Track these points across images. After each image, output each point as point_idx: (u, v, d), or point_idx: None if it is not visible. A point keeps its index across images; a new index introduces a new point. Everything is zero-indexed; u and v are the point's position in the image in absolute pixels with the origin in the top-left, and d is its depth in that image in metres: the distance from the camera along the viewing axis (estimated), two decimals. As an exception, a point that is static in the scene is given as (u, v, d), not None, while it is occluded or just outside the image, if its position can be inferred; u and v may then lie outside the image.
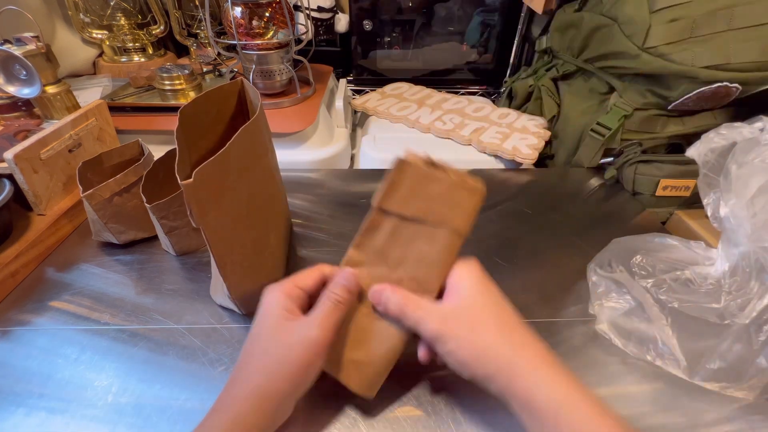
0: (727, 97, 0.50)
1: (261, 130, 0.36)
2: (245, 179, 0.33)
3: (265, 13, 0.62)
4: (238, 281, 0.34)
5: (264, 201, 0.37)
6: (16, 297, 0.40)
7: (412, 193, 0.29)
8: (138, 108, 0.66)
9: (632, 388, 0.33)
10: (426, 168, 0.29)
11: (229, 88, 0.39)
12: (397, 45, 0.93)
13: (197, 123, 0.36)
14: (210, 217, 0.29)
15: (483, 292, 0.28)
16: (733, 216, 0.31)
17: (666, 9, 0.49)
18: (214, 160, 0.28)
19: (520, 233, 0.49)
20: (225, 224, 0.31)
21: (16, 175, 0.42)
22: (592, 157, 0.61)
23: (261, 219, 0.37)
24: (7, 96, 0.53)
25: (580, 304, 0.40)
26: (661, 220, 0.56)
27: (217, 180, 0.29)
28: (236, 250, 0.33)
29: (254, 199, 0.35)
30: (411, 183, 0.29)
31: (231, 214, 0.31)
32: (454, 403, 0.31)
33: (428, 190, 0.29)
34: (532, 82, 0.78)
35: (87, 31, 0.80)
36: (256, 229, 0.35)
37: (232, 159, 0.30)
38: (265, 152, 0.38)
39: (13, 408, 0.30)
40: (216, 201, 0.29)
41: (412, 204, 0.29)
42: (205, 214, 0.29)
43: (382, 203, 0.29)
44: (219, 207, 0.30)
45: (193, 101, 0.35)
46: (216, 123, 0.39)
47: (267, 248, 0.38)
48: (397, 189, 0.29)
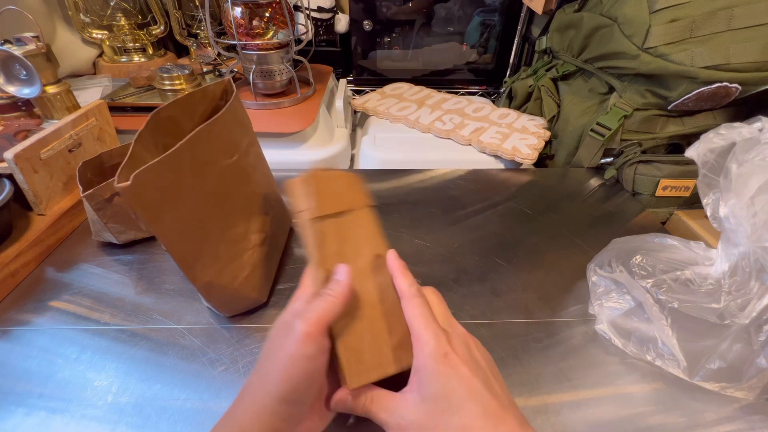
0: (727, 97, 0.50)
1: (228, 130, 0.35)
2: (211, 180, 0.32)
3: (265, 13, 0.62)
4: (211, 284, 0.33)
5: (241, 201, 0.36)
6: (16, 297, 0.40)
7: (329, 194, 0.33)
8: (138, 108, 0.66)
9: (632, 388, 0.33)
10: (324, 172, 0.34)
11: (214, 88, 0.39)
12: (397, 45, 0.93)
13: (177, 125, 0.36)
14: (164, 220, 0.28)
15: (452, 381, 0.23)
16: (732, 216, 0.31)
17: (666, 9, 0.49)
18: (158, 162, 0.27)
19: (520, 233, 0.49)
20: (186, 227, 0.30)
21: (16, 175, 0.42)
22: (592, 157, 0.61)
23: (238, 219, 0.36)
24: (7, 96, 0.53)
25: (580, 304, 0.40)
26: (661, 220, 0.56)
27: (167, 182, 0.28)
28: (205, 253, 0.32)
29: (227, 200, 0.34)
30: (324, 187, 0.32)
31: (193, 216, 0.31)
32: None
33: (335, 187, 0.33)
34: (532, 82, 0.78)
35: (87, 31, 0.80)
36: (231, 230, 0.35)
37: (186, 161, 0.29)
38: (236, 151, 0.36)
39: (13, 408, 0.30)
40: (170, 203, 0.28)
41: (335, 201, 0.32)
42: (156, 218, 0.28)
43: (318, 212, 0.31)
44: (175, 209, 0.29)
45: (172, 103, 0.35)
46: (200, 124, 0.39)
47: (248, 249, 0.37)
48: (319, 196, 0.32)
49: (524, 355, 0.35)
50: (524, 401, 0.31)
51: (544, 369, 0.34)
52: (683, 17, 0.48)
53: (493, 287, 0.41)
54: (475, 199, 0.55)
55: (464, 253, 0.46)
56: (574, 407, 0.31)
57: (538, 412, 0.31)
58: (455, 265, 0.44)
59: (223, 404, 0.31)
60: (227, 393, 0.31)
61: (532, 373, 0.34)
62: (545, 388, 0.32)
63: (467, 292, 0.41)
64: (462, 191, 0.57)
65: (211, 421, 0.30)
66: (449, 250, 0.46)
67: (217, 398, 0.31)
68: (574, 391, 0.32)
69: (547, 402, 0.31)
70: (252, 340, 0.36)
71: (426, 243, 0.47)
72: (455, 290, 0.41)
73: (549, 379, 0.33)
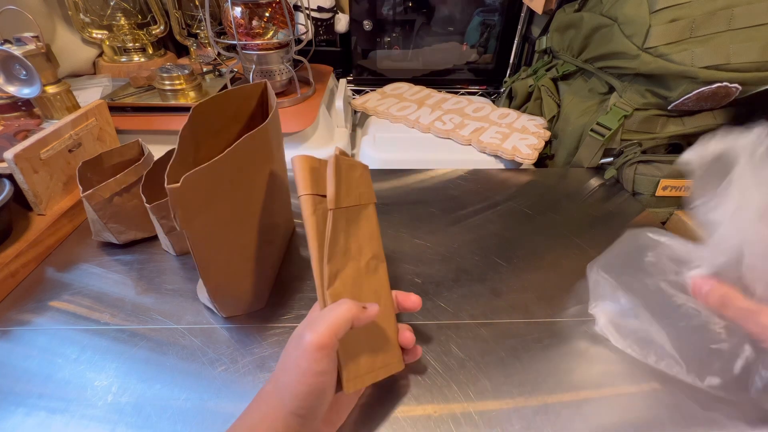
0: (727, 97, 0.50)
1: (269, 138, 0.35)
2: (242, 187, 0.32)
3: (265, 13, 0.62)
4: (221, 285, 0.34)
5: (261, 208, 0.37)
6: (16, 297, 0.40)
7: (347, 183, 0.30)
8: (138, 108, 0.66)
9: (632, 388, 0.33)
10: (346, 159, 0.30)
11: (251, 89, 0.39)
12: (397, 45, 0.93)
13: (212, 120, 0.36)
14: (196, 222, 0.29)
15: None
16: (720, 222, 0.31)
17: (666, 9, 0.49)
18: (207, 167, 0.27)
19: (520, 233, 0.49)
20: (212, 230, 0.30)
21: (16, 175, 0.42)
22: (592, 157, 0.61)
23: (254, 225, 0.36)
24: (7, 96, 0.53)
25: (580, 304, 0.40)
26: (661, 220, 0.56)
27: (208, 186, 0.29)
28: (222, 255, 0.33)
29: (249, 207, 0.34)
30: (345, 175, 0.30)
31: (220, 220, 0.31)
32: (454, 404, 0.31)
33: (353, 176, 0.31)
34: (532, 82, 0.78)
35: (87, 31, 0.80)
36: (247, 235, 0.35)
37: (227, 167, 0.30)
38: (270, 160, 0.37)
39: (13, 408, 0.30)
40: (205, 207, 0.29)
41: (351, 193, 0.30)
42: (191, 219, 0.28)
43: (337, 203, 0.29)
44: (207, 213, 0.29)
45: (210, 99, 0.35)
46: (233, 122, 0.39)
47: (257, 254, 0.37)
48: (341, 185, 0.29)
49: (524, 355, 0.35)
50: (524, 401, 0.31)
51: (545, 369, 0.34)
52: (683, 17, 0.48)
53: (493, 287, 0.41)
54: (475, 199, 0.55)
55: (464, 253, 0.46)
56: (574, 407, 0.31)
57: (538, 412, 0.31)
58: (455, 265, 0.44)
59: (223, 404, 0.31)
60: (227, 393, 0.31)
61: (532, 373, 0.33)
62: (545, 388, 0.32)
63: (467, 292, 0.41)
64: (462, 191, 0.57)
65: (211, 421, 0.30)
66: (449, 250, 0.46)
67: (217, 398, 0.31)
68: (574, 392, 0.32)
69: (548, 402, 0.31)
70: (252, 340, 0.36)
71: (426, 243, 0.47)
72: (455, 290, 0.41)
73: (549, 379, 0.33)
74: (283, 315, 0.38)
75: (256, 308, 0.38)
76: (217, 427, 0.29)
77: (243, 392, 0.31)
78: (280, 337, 0.36)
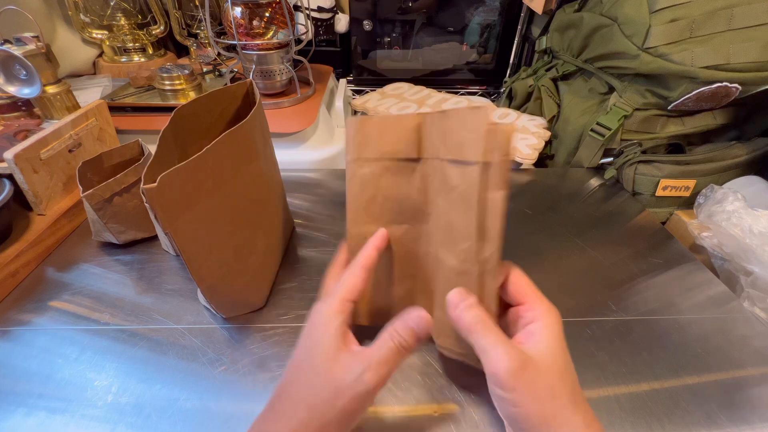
0: (727, 97, 0.50)
1: (251, 136, 0.35)
2: (228, 185, 0.32)
3: (265, 13, 0.62)
4: (215, 285, 0.33)
5: (252, 206, 0.36)
6: (16, 297, 0.40)
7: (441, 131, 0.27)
8: (138, 108, 0.66)
9: (630, 389, 0.33)
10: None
11: (235, 89, 0.39)
12: (397, 45, 0.93)
13: (197, 122, 0.36)
14: (180, 222, 0.28)
15: (562, 354, 0.26)
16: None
17: (666, 9, 0.49)
18: (184, 165, 0.27)
19: (520, 233, 0.49)
20: (198, 230, 0.30)
21: (16, 175, 0.42)
22: (592, 157, 0.61)
23: (247, 224, 0.36)
24: (7, 96, 0.53)
25: (580, 304, 0.40)
26: (661, 220, 0.56)
27: (189, 186, 0.28)
28: (213, 256, 0.32)
29: (239, 204, 0.34)
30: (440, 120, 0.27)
31: (207, 219, 0.31)
32: (454, 404, 0.31)
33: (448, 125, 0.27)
34: (532, 82, 0.78)
35: (87, 31, 0.80)
36: (239, 234, 0.35)
37: (208, 165, 0.29)
38: (255, 157, 0.36)
39: (13, 408, 0.30)
40: (187, 206, 0.29)
41: (446, 141, 0.27)
42: (174, 220, 0.28)
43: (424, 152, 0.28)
44: (191, 212, 0.29)
45: (193, 101, 0.35)
46: (218, 123, 0.39)
47: (253, 254, 0.37)
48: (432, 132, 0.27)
49: (524, 355, 0.35)
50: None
51: (544, 369, 0.34)
52: (683, 17, 0.48)
53: (493, 287, 0.41)
54: (475, 199, 0.55)
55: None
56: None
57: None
58: (455, 265, 0.44)
59: (223, 404, 0.31)
60: (227, 393, 0.31)
61: (532, 373, 0.33)
62: (545, 388, 0.32)
63: (467, 292, 0.41)
64: (462, 191, 0.57)
65: (211, 421, 0.30)
66: (449, 250, 0.46)
67: (217, 398, 0.31)
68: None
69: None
70: (252, 340, 0.36)
71: (426, 243, 0.47)
72: (455, 290, 0.41)
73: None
74: (283, 315, 0.38)
75: (255, 308, 0.38)
76: (218, 427, 0.29)
77: (243, 392, 0.31)
78: (280, 337, 0.36)
